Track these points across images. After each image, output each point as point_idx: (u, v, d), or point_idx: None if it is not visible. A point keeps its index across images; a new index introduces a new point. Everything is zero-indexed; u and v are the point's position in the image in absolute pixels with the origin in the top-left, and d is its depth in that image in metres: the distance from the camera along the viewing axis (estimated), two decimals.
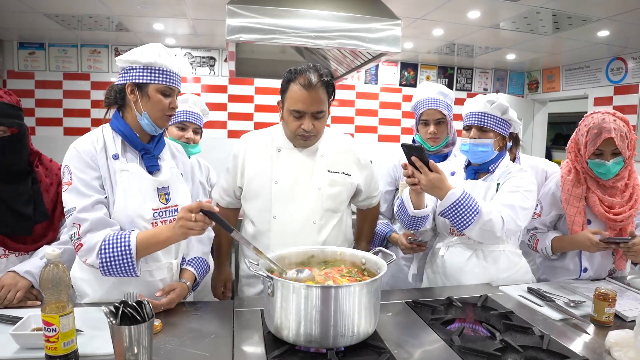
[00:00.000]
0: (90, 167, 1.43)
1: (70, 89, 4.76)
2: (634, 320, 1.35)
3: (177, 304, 1.56)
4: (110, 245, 1.38)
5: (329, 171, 1.83)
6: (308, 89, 1.68)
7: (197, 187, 1.76)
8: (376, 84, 5.48)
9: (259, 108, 5.28)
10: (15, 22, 3.94)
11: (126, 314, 1.09)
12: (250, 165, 1.85)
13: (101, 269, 1.39)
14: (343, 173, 1.86)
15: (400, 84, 5.53)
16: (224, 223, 1.34)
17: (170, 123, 2.28)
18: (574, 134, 1.91)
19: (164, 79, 1.48)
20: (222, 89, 5.16)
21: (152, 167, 1.53)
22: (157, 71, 1.47)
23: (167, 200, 1.54)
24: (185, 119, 2.28)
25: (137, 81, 1.47)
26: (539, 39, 4.10)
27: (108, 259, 1.38)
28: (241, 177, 1.87)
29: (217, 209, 1.34)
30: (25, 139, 1.63)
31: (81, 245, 1.40)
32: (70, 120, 4.76)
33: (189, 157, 2.34)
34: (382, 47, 2.24)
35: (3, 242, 1.59)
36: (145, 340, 1.09)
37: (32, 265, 1.57)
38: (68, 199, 1.42)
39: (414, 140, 2.31)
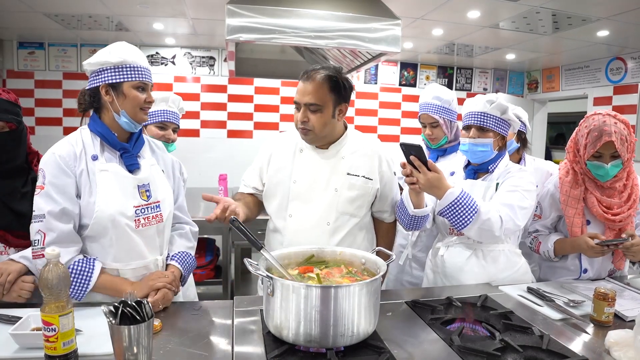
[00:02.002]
0: (65, 174, 1.45)
1: (70, 89, 4.77)
2: (633, 320, 1.35)
3: (177, 304, 1.56)
4: (72, 274, 1.42)
5: (348, 174, 1.80)
6: (304, 80, 1.71)
7: (178, 183, 1.77)
8: (376, 83, 5.48)
9: (259, 108, 5.28)
10: (14, 21, 3.94)
11: (126, 314, 1.08)
12: (274, 163, 1.87)
13: None
14: (364, 177, 1.82)
15: (400, 84, 5.54)
16: (254, 241, 1.36)
17: (149, 122, 2.29)
18: (573, 133, 1.91)
19: (137, 75, 1.50)
20: (221, 88, 5.16)
21: (132, 166, 1.55)
22: (128, 68, 1.49)
23: (149, 197, 1.56)
24: (165, 119, 2.28)
25: (111, 81, 1.49)
26: (538, 39, 4.10)
27: None
28: (265, 174, 1.90)
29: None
30: (23, 136, 1.64)
31: (42, 256, 1.42)
32: (69, 120, 4.76)
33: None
34: (382, 47, 2.24)
35: (4, 237, 1.59)
36: (145, 340, 1.09)
37: (28, 252, 1.56)
38: (38, 203, 1.44)
39: (422, 139, 2.45)
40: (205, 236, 3.83)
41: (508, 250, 1.88)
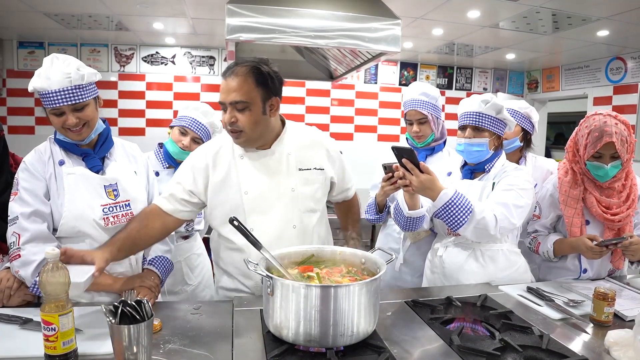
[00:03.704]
0: (36, 178, 1.51)
1: None
2: (633, 320, 1.35)
3: (177, 304, 1.56)
4: None
5: (299, 169, 1.70)
6: (225, 77, 1.57)
7: (152, 183, 1.78)
8: (376, 83, 5.48)
9: None
10: (14, 21, 3.93)
11: (125, 313, 1.09)
12: (214, 177, 1.67)
13: (34, 287, 1.45)
14: (315, 168, 1.72)
15: (400, 84, 5.53)
16: (254, 241, 1.35)
17: (175, 124, 2.29)
18: (573, 133, 1.91)
19: (46, 102, 1.47)
20: None
21: (94, 168, 1.58)
22: (41, 96, 1.47)
23: (116, 195, 1.60)
24: (186, 125, 2.27)
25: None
26: (538, 39, 4.09)
27: None
28: (204, 192, 1.68)
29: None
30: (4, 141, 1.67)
31: (19, 256, 1.44)
32: None
33: (180, 161, 2.35)
34: (382, 47, 2.24)
35: (0, 247, 1.59)
36: (145, 340, 1.09)
37: None
38: (12, 207, 1.48)
39: (407, 138, 2.41)
40: (206, 236, 3.83)
41: (507, 249, 1.88)
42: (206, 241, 2.67)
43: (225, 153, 1.69)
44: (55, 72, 1.45)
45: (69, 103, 1.46)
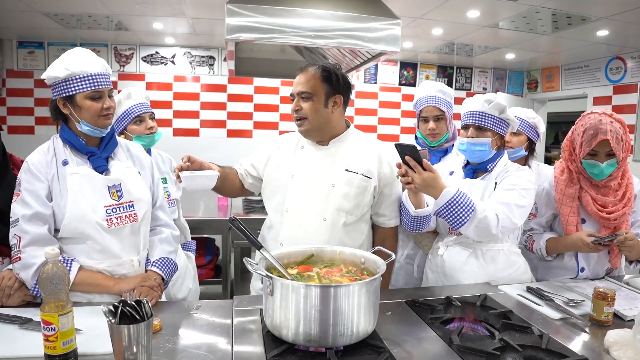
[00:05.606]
0: (38, 179, 1.50)
1: None
2: (632, 320, 1.35)
3: (177, 304, 1.56)
4: None
5: (346, 170, 1.80)
6: (299, 72, 1.80)
7: (157, 183, 1.78)
8: (375, 83, 5.49)
9: (258, 107, 5.28)
10: (14, 21, 3.94)
11: (125, 313, 1.08)
12: (274, 159, 1.91)
13: (34, 289, 1.46)
14: (362, 175, 1.80)
15: (400, 84, 5.54)
16: (253, 240, 1.36)
17: (127, 122, 2.27)
18: (570, 132, 1.92)
19: (88, 85, 1.48)
20: (221, 88, 5.16)
21: (100, 168, 1.57)
22: (78, 80, 1.47)
23: (120, 196, 1.58)
24: (139, 112, 2.28)
25: (64, 95, 1.50)
26: (538, 39, 4.10)
27: None
28: (263, 168, 1.94)
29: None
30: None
31: (19, 258, 1.44)
32: None
33: (154, 145, 2.35)
34: (382, 47, 2.25)
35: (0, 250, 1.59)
36: (145, 340, 1.09)
37: None
38: (14, 208, 1.48)
39: (416, 138, 2.36)
40: (205, 235, 3.83)
41: (507, 249, 1.88)
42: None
43: (291, 143, 1.94)
44: (94, 58, 1.52)
45: (108, 87, 1.55)
